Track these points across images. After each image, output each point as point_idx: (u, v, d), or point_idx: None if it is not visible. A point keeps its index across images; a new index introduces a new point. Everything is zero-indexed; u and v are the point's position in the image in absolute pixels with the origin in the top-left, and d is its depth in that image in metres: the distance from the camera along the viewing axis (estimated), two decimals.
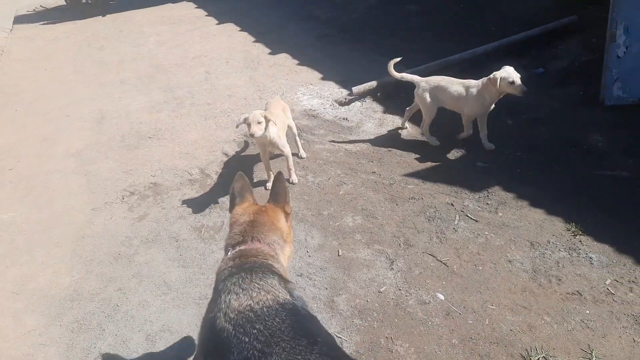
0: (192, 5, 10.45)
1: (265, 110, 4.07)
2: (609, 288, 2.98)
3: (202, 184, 4.37)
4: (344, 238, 3.60)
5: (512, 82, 4.02)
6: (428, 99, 4.46)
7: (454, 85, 4.39)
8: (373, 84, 5.60)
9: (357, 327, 2.90)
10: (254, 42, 7.87)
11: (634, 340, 2.66)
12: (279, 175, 2.29)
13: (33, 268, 3.58)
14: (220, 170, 4.54)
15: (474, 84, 4.29)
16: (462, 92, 4.33)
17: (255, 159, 4.66)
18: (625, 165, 4.05)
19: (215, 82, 6.50)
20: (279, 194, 2.25)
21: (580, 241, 3.34)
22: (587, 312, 2.84)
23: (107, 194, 4.34)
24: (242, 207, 2.22)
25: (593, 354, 2.60)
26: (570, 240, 3.36)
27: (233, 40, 8.04)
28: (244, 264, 1.90)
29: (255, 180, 4.41)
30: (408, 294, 3.07)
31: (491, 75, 4.11)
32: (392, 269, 3.27)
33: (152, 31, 8.93)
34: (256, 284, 1.76)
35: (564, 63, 5.84)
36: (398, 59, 4.58)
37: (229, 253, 2.04)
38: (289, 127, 4.48)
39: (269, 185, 4.23)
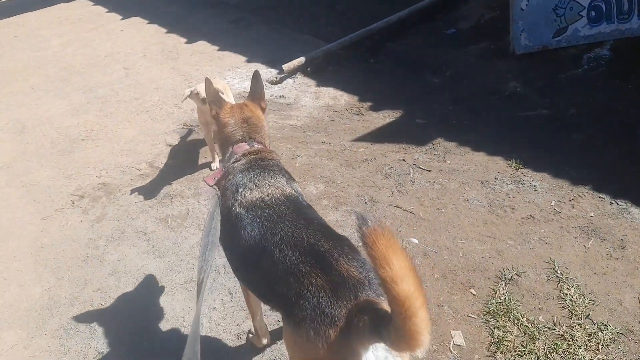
0: (88, 2, 9.84)
1: None
2: (555, 208, 3.39)
3: (154, 177, 4.29)
4: (312, 205, 3.72)
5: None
6: None
7: None
8: (302, 59, 5.71)
9: None
10: (167, 32, 7.66)
11: (585, 247, 3.07)
12: (256, 73, 2.58)
13: None
14: (169, 161, 4.48)
15: None
16: None
17: (201, 143, 4.65)
18: (542, 104, 4.54)
19: (137, 77, 6.29)
20: (256, 91, 2.58)
21: (522, 173, 3.74)
22: (542, 230, 3.23)
23: (54, 201, 4.13)
24: (227, 108, 2.49)
25: (555, 263, 2.97)
26: (513, 174, 3.74)
27: (144, 34, 7.76)
28: (260, 160, 2.23)
29: (200, 163, 4.44)
30: None
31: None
32: None
33: (52, 33, 8.35)
34: (267, 182, 2.13)
35: (472, 22, 6.32)
36: None
37: (236, 148, 2.34)
38: None
39: (214, 165, 4.26)
